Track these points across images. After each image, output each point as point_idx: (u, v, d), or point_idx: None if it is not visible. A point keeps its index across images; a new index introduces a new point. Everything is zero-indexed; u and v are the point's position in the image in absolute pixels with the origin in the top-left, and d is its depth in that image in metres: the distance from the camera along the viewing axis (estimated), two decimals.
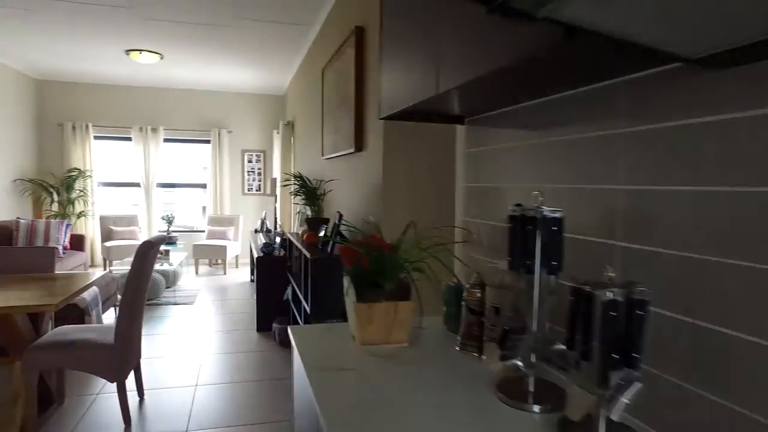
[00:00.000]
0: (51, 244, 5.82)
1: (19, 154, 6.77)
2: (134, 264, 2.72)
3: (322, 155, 4.23)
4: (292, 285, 3.65)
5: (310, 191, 3.35)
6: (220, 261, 7.58)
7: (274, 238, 4.79)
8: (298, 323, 3.71)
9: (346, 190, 3.45)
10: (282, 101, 8.07)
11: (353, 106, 3.16)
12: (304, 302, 3.03)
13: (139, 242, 7.03)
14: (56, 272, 3.38)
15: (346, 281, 1.42)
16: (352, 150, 3.19)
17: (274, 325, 4.26)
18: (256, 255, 4.64)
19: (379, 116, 1.57)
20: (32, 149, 7.14)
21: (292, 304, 3.67)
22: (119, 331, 2.73)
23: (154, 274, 5.67)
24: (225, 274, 7.17)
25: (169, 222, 7.25)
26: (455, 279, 1.53)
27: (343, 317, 1.59)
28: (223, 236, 7.36)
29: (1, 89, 6.27)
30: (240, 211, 7.96)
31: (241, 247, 7.79)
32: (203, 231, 7.85)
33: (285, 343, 4.13)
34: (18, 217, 6.01)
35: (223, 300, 5.68)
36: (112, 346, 2.72)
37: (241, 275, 7.13)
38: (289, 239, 3.84)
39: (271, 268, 4.51)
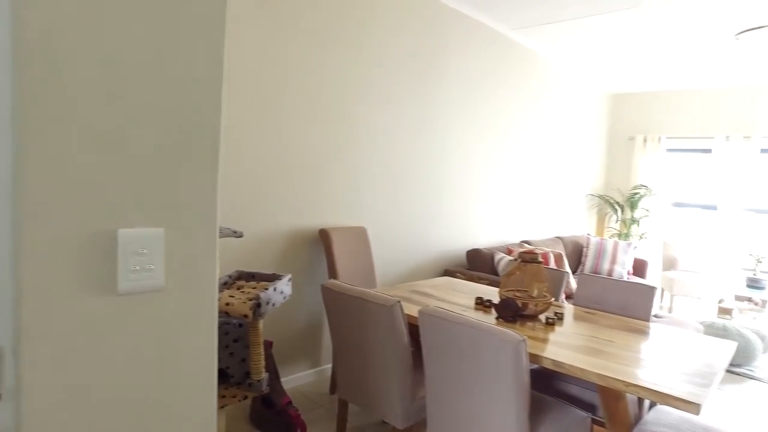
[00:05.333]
0: (617, 267, 5.30)
1: (591, 169, 6.69)
2: None
3: None
4: None
5: None
6: None
7: None
8: None
9: None
10: None
11: None
12: None
13: (705, 275, 5.64)
14: (650, 322, 2.57)
15: None
16: None
17: None
18: None
19: None
20: (601, 164, 6.97)
21: None
22: None
23: (746, 333, 4.17)
24: None
25: (758, 260, 5.47)
26: None
27: None
28: None
29: (585, 107, 6.28)
30: None
31: None
32: None
33: None
34: (588, 234, 5.85)
35: None
36: None
37: None
38: None
39: None
